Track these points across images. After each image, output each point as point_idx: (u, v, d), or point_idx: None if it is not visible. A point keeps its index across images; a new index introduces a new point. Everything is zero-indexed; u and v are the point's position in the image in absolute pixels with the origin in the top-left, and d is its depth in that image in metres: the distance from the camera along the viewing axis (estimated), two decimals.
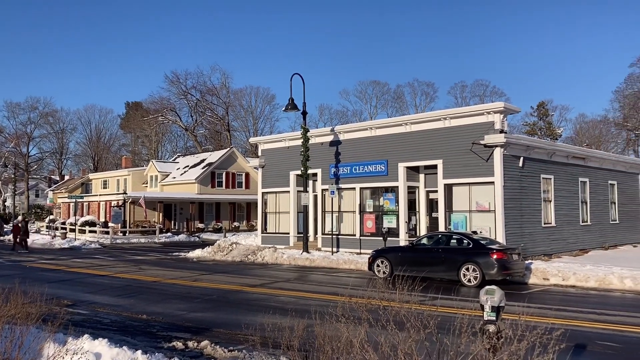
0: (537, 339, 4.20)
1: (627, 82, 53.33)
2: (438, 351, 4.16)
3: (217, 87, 74.67)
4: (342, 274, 19.82)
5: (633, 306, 13.22)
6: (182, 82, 72.53)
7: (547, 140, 43.42)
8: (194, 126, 75.26)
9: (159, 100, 74.58)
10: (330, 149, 26.80)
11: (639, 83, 50.81)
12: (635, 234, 31.49)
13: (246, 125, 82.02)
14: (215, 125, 76.01)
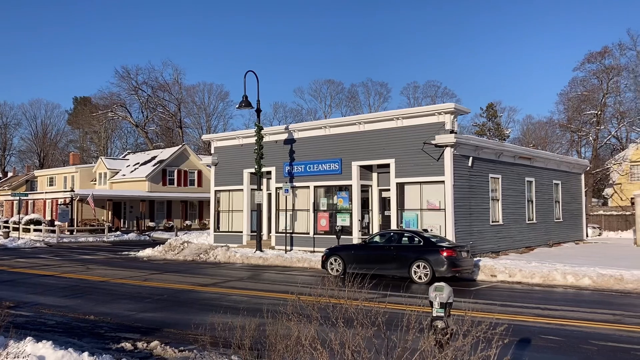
0: (481, 334, 4.32)
1: (571, 85, 55.44)
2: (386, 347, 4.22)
3: (169, 83, 73.37)
4: (296, 272, 19.84)
5: (574, 301, 13.76)
6: (132, 78, 70.91)
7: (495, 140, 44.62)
8: (145, 122, 73.69)
9: (109, 95, 72.68)
10: (285, 147, 26.75)
11: (582, 87, 52.85)
12: (577, 231, 32.81)
13: (199, 122, 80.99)
14: (167, 121, 74.64)
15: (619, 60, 50.35)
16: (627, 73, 50.08)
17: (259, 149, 24.97)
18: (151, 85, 71.96)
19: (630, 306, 12.72)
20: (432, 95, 77.66)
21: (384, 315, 4.70)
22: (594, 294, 14.64)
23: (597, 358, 8.04)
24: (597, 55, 50.78)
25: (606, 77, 50.48)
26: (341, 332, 4.20)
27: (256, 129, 25.35)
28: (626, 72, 50.13)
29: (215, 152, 30.49)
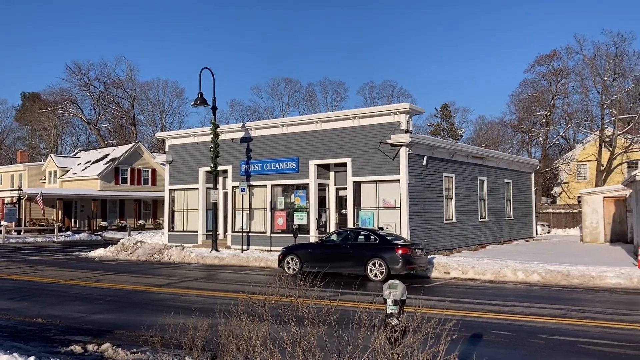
0: (431, 331, 4.38)
1: (522, 86, 57.01)
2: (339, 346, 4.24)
3: (122, 80, 71.59)
4: (252, 271, 19.72)
5: (524, 296, 14.18)
6: (84, 73, 68.89)
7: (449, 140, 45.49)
8: (97, 120, 71.76)
9: (59, 91, 70.38)
10: (241, 146, 26.54)
11: (532, 88, 54.41)
12: (527, 229, 33.82)
13: (153, 120, 79.37)
14: (120, 119, 72.88)
15: (567, 63, 52.10)
16: (575, 76, 51.89)
17: (214, 147, 24.69)
18: (103, 81, 70.14)
19: (577, 301, 13.19)
20: (388, 95, 78.54)
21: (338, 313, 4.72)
22: (542, 290, 15.11)
23: (545, 351, 8.30)
24: (546, 58, 52.38)
25: (555, 79, 52.14)
26: (292, 332, 4.19)
27: (212, 126, 25.06)
28: (573, 75, 51.94)
29: (170, 150, 29.97)
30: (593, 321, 10.60)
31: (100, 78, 69.80)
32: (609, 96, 48.23)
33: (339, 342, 4.22)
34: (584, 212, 30.78)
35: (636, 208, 23.42)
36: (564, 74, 51.71)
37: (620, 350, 8.32)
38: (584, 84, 51.23)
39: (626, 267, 17.20)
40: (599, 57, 49.37)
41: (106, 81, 70.28)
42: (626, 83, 47.94)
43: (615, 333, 9.61)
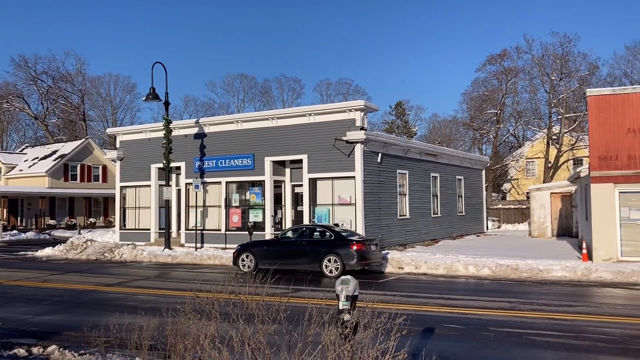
0: (381, 326, 4.42)
1: (474, 85, 58.44)
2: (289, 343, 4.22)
3: (71, 74, 69.35)
4: (206, 269, 19.48)
5: (475, 290, 14.51)
6: (31, 67, 66.33)
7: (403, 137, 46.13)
8: (45, 115, 69.30)
9: (4, 85, 67.54)
10: (195, 142, 26.15)
11: (484, 87, 55.78)
12: (478, 224, 34.66)
13: (104, 115, 77.25)
14: (70, 114, 70.60)
15: (517, 62, 53.60)
16: (524, 75, 53.45)
17: (167, 143, 24.24)
18: (52, 75, 67.73)
19: (525, 294, 13.59)
20: (344, 93, 78.93)
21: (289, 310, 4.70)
22: (492, 283, 15.51)
23: (494, 344, 8.52)
24: (497, 57, 53.74)
25: (505, 78, 53.58)
26: (242, 330, 4.15)
27: (164, 122, 24.59)
28: (523, 74, 53.49)
29: (121, 147, 29.26)
30: (540, 313, 10.95)
31: (48, 72, 67.41)
32: (556, 95, 49.91)
33: (289, 339, 4.20)
34: (532, 208, 31.77)
35: (581, 203, 24.32)
36: (514, 73, 53.21)
37: (564, 341, 8.62)
38: (532, 83, 52.88)
39: (571, 261, 17.85)
40: (546, 57, 51.03)
41: (54, 75, 67.95)
42: (572, 83, 49.71)
43: (560, 324, 9.96)
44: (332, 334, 3.96)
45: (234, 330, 4.22)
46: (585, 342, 8.54)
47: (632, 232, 17.53)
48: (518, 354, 7.95)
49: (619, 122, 17.62)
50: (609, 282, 15.19)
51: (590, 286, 14.73)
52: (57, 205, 46.77)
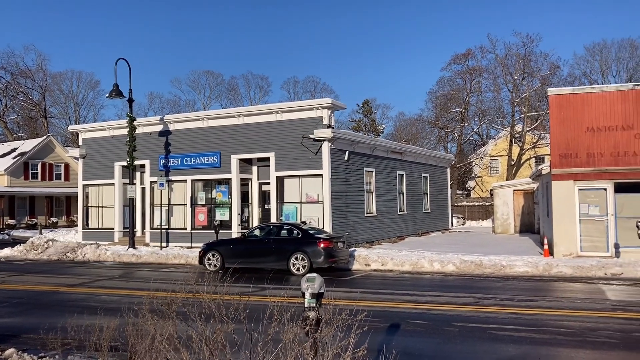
0: (342, 323, 4.44)
1: (439, 84, 59.22)
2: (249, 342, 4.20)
3: (31, 69, 67.44)
4: (172, 269, 19.23)
5: (440, 286, 14.72)
6: None
7: (370, 136, 46.41)
8: (4, 111, 67.21)
9: None
10: (160, 139, 25.77)
11: (449, 86, 56.61)
12: (444, 221, 35.16)
13: (66, 112, 75.39)
14: (30, 111, 68.65)
15: (481, 62, 54.55)
16: (488, 74, 54.43)
17: (131, 140, 23.84)
18: (11, 70, 65.66)
19: (488, 289, 13.85)
20: (311, 91, 78.91)
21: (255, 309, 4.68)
22: (457, 279, 15.75)
23: (458, 339, 8.65)
24: (461, 57, 54.59)
25: (469, 77, 54.47)
26: (200, 330, 4.11)
27: (128, 119, 24.17)
28: (487, 74, 54.47)
29: (84, 144, 28.63)
30: (503, 308, 11.17)
31: (6, 67, 65.34)
32: (519, 94, 50.99)
33: (249, 338, 4.18)
34: (495, 205, 32.39)
35: (542, 200, 24.92)
36: (478, 72, 54.13)
37: (526, 335, 8.82)
38: (496, 83, 53.88)
39: (533, 256, 18.27)
40: (509, 57, 52.10)
41: (14, 71, 65.89)
42: (534, 82, 50.86)
43: (522, 318, 10.18)
44: (292, 332, 3.95)
45: (193, 331, 4.18)
46: (545, 336, 8.75)
47: (591, 228, 18.05)
48: (482, 348, 8.09)
49: (578, 121, 18.11)
50: (569, 276, 15.60)
51: (551, 281, 15.10)
52: (16, 204, 45.48)
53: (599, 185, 17.98)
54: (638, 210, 17.54)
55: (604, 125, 17.87)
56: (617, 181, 17.78)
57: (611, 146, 17.75)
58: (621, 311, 10.72)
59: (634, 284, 14.18)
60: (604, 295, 12.65)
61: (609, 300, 12.01)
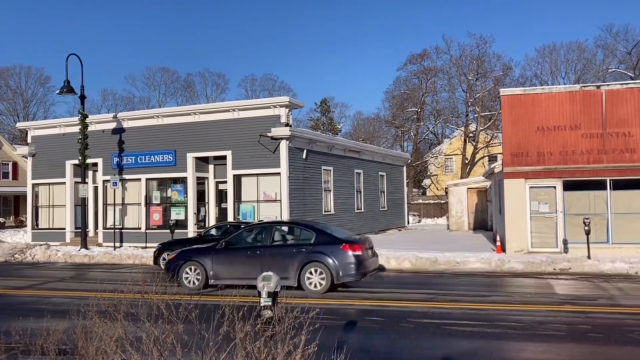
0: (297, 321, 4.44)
1: (395, 84, 60.04)
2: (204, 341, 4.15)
3: None
4: (126, 269, 18.80)
5: (396, 283, 14.91)
6: None
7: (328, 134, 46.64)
8: None
9: None
10: (113, 137, 25.18)
11: (405, 86, 57.39)
12: (400, 219, 35.63)
13: (14, 109, 72.72)
14: None
15: (436, 62, 55.56)
16: (443, 75, 55.47)
17: (83, 138, 23.21)
18: None
19: (443, 285, 14.11)
20: (269, 89, 78.57)
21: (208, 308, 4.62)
22: (413, 276, 15.98)
23: (413, 334, 8.78)
24: (417, 57, 55.46)
25: (425, 77, 55.38)
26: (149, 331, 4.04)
27: (80, 116, 23.52)
28: (442, 74, 55.50)
29: (33, 142, 27.68)
30: (457, 304, 11.41)
31: None
32: (473, 95, 52.18)
33: (201, 338, 4.14)
34: (450, 203, 33.03)
35: (495, 198, 25.56)
36: (434, 72, 55.12)
37: (479, 329, 9.03)
38: (451, 83, 55.01)
39: (486, 253, 18.73)
40: (464, 57, 53.25)
41: None
42: (487, 83, 52.15)
43: (475, 313, 10.42)
44: (243, 331, 3.93)
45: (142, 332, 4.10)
46: (497, 330, 8.98)
47: (541, 224, 18.63)
48: (436, 343, 8.24)
49: (529, 121, 18.65)
50: (520, 272, 16.05)
51: (504, 276, 15.50)
52: None
53: (548, 183, 18.57)
54: (585, 207, 18.21)
55: (553, 125, 18.46)
56: (566, 179, 18.41)
57: (560, 145, 18.36)
58: (568, 305, 11.10)
59: (580, 278, 14.71)
60: (552, 289, 13.07)
61: (557, 294, 12.42)
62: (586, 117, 18.21)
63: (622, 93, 18.12)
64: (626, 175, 17.91)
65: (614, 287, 13.08)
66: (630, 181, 17.95)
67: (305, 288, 12.55)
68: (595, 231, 17.56)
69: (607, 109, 18.07)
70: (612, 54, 54.53)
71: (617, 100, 18.06)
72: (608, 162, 17.96)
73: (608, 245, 17.80)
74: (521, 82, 53.08)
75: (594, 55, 56.46)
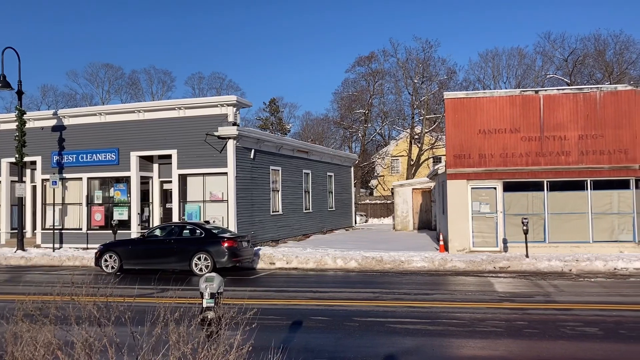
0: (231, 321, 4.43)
1: (344, 85, 60.53)
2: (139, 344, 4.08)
3: None
4: (65, 271, 18.15)
5: (342, 282, 15.06)
6: None
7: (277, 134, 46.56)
8: None
9: None
10: (53, 135, 24.27)
11: (353, 87, 57.97)
12: (347, 219, 35.96)
13: None
14: None
15: (383, 65, 56.35)
16: (390, 77, 56.34)
17: (20, 135, 22.27)
18: None
19: (388, 284, 14.35)
20: (217, 88, 77.52)
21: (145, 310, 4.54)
22: (359, 275, 16.18)
23: (358, 333, 8.90)
24: (365, 59, 56.09)
25: (373, 79, 56.10)
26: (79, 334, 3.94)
27: (17, 113, 22.55)
28: (389, 76, 56.36)
29: None
30: (401, 302, 11.63)
31: None
32: (418, 97, 53.24)
33: (133, 340, 4.07)
34: (396, 203, 33.60)
35: (439, 199, 26.18)
36: (381, 75, 55.91)
37: (421, 327, 9.24)
38: (397, 86, 55.92)
39: (430, 252, 19.16)
40: (410, 61, 54.24)
41: None
42: (432, 86, 53.32)
43: (418, 311, 10.66)
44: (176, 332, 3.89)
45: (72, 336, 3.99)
46: (439, 327, 9.22)
47: (482, 224, 19.23)
48: (380, 341, 8.37)
49: (471, 124, 19.21)
50: (462, 270, 16.52)
51: (446, 275, 15.91)
52: None
53: (489, 184, 19.18)
54: (524, 207, 18.92)
55: (494, 128, 19.09)
56: (506, 180, 19.07)
57: (500, 148, 19.01)
58: (507, 302, 11.51)
59: (519, 276, 15.28)
60: (492, 287, 13.52)
61: (497, 292, 12.85)
62: (525, 120, 18.93)
63: (559, 98, 18.94)
64: (562, 177, 18.74)
65: (549, 285, 13.65)
66: (566, 183, 18.80)
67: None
68: (533, 231, 18.28)
69: (544, 114, 18.84)
70: (550, 60, 56.81)
71: (554, 105, 18.86)
72: (545, 165, 18.74)
73: (545, 244, 18.57)
74: (465, 86, 54.60)
75: (533, 62, 58.65)
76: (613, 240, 18.50)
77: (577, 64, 53.47)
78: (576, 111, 18.69)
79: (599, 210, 18.63)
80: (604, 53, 52.89)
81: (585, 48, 54.21)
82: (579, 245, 18.31)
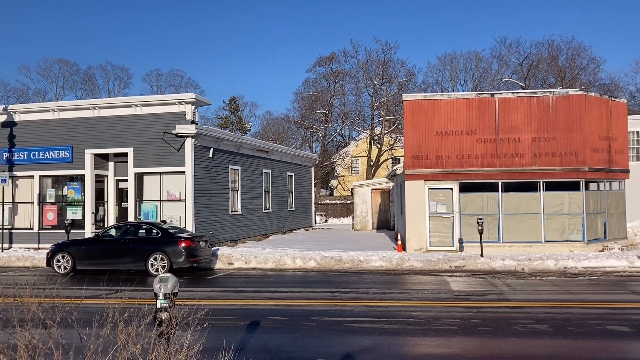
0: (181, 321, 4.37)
1: (305, 85, 60.58)
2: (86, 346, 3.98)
3: None
4: (14, 272, 17.56)
5: (301, 282, 15.05)
6: None
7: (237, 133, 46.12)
8: None
9: None
10: (3, 131, 23.42)
11: (314, 88, 58.05)
12: (307, 219, 35.98)
13: None
14: None
15: (344, 66, 56.66)
16: (350, 78, 56.68)
17: None
18: None
19: (346, 283, 14.43)
20: (176, 85, 76.37)
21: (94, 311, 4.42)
22: (318, 275, 16.20)
23: (316, 332, 8.91)
24: (326, 60, 56.28)
25: (333, 80, 56.34)
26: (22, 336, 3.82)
27: None
28: (349, 77, 56.69)
29: None
30: (359, 301, 11.70)
31: None
32: (378, 99, 53.74)
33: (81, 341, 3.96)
34: (355, 203, 33.83)
35: (397, 199, 26.48)
36: (341, 76, 56.19)
37: (379, 326, 9.32)
38: (358, 87, 56.31)
39: (388, 251, 19.36)
40: (370, 62, 54.71)
41: None
42: (392, 88, 53.92)
43: (376, 310, 10.75)
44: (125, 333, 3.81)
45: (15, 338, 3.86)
46: (396, 326, 9.32)
47: (439, 224, 19.54)
48: (337, 341, 8.40)
49: (429, 125, 19.51)
50: (419, 270, 16.75)
51: (404, 274, 16.10)
52: None
53: (446, 185, 19.52)
54: (479, 208, 19.33)
55: (451, 129, 19.43)
56: (462, 181, 19.45)
57: (457, 149, 19.36)
58: (462, 300, 11.73)
59: (474, 275, 15.60)
60: (448, 286, 13.76)
61: (452, 291, 13.08)
62: (481, 123, 19.34)
63: (513, 101, 19.43)
64: (516, 178, 19.23)
65: (503, 283, 13.99)
66: (520, 184, 19.30)
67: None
68: (487, 231, 18.70)
69: (500, 116, 19.30)
70: (506, 64, 58.27)
71: (509, 108, 19.34)
72: (500, 166, 19.19)
73: (499, 244, 19.02)
74: (423, 89, 55.39)
75: (490, 65, 60.06)
76: (564, 240, 19.10)
77: (532, 69, 55.01)
78: (530, 114, 19.21)
79: (551, 211, 19.20)
80: (557, 58, 54.61)
81: (540, 53, 55.87)
82: (531, 245, 18.83)
